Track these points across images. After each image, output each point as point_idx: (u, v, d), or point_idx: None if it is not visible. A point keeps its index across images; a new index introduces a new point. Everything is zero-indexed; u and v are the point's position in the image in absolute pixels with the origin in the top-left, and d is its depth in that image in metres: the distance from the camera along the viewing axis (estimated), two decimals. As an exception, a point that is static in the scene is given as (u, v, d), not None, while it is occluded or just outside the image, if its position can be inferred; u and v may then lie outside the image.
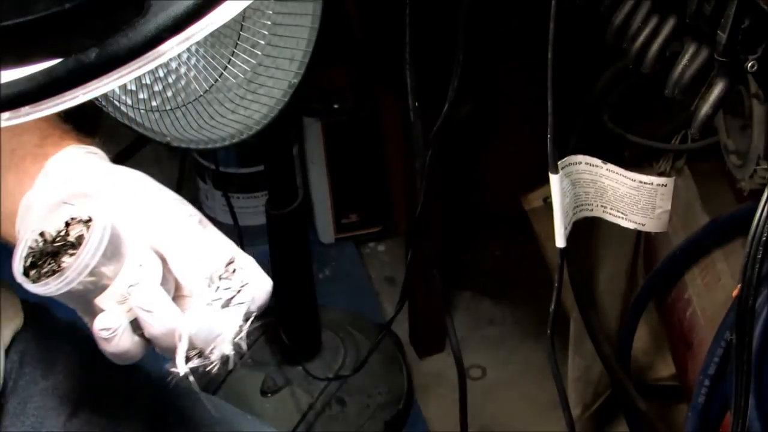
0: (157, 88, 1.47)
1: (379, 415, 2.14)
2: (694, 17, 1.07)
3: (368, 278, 2.45)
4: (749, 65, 1.04)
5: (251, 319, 0.89)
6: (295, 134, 2.34)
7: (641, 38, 1.16)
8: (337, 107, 2.33)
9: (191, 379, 0.85)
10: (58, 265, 0.83)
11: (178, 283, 0.87)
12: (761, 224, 1.01)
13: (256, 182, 2.38)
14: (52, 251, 0.83)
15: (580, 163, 1.33)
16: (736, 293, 1.08)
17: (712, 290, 1.58)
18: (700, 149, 1.73)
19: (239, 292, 0.88)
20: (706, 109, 1.09)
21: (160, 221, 0.88)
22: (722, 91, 1.07)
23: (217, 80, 1.50)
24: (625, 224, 1.40)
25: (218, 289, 0.86)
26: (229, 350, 0.87)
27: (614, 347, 1.75)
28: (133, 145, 2.65)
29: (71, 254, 0.83)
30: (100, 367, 1.03)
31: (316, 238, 2.49)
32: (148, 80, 1.46)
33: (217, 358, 0.86)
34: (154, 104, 1.48)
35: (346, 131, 2.35)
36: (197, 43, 0.99)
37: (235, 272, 0.88)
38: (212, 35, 1.44)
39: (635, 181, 1.34)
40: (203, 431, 1.12)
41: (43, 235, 0.84)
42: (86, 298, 0.84)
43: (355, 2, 2.29)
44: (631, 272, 1.90)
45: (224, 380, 2.17)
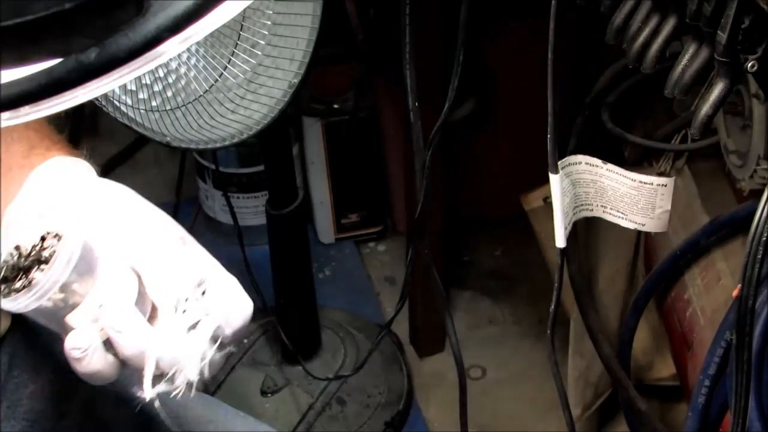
0: (157, 88, 1.47)
1: (379, 415, 2.14)
2: (694, 17, 1.07)
3: (368, 278, 2.45)
4: (749, 65, 1.04)
5: (218, 342, 0.85)
6: (295, 134, 2.34)
7: (641, 38, 1.16)
8: (337, 107, 2.33)
9: (157, 405, 0.82)
10: (29, 280, 0.80)
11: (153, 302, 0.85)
12: (761, 224, 1.01)
13: (256, 182, 2.38)
14: (24, 266, 0.81)
15: (580, 163, 1.33)
16: (736, 293, 1.08)
17: (712, 290, 1.58)
18: (700, 149, 1.73)
19: (208, 315, 0.84)
20: (706, 109, 1.09)
21: (137, 238, 0.85)
22: (722, 91, 1.07)
23: (217, 80, 1.50)
24: (625, 224, 1.40)
25: (184, 311, 0.83)
26: (192, 375, 0.83)
27: (614, 347, 1.75)
28: (133, 145, 2.66)
29: (43, 270, 0.80)
30: None
31: (316, 238, 2.49)
32: (148, 80, 1.46)
33: (181, 383, 0.83)
34: (154, 104, 1.48)
35: (346, 131, 2.35)
36: (197, 43, 0.99)
37: (204, 294, 0.84)
38: (212, 35, 1.44)
39: (635, 181, 1.34)
40: (196, 430, 1.11)
41: (18, 248, 0.81)
42: (57, 315, 0.82)
43: (355, 2, 2.29)
44: (631, 272, 1.90)
45: (224, 380, 2.17)
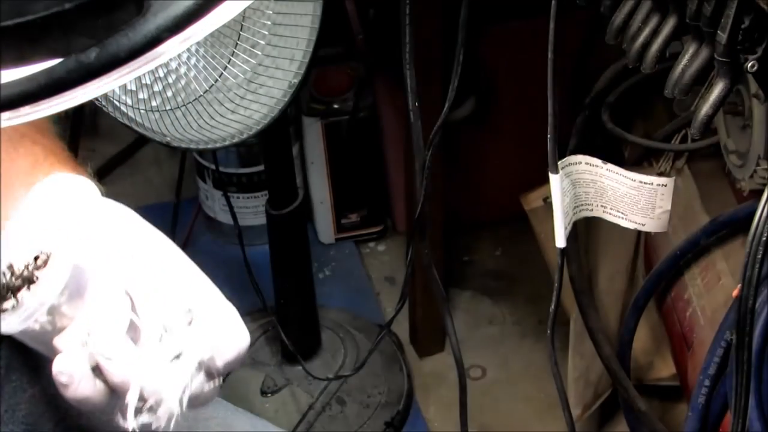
0: (157, 88, 1.47)
1: (379, 415, 2.14)
2: (694, 17, 1.07)
3: (368, 278, 2.45)
4: (749, 65, 1.04)
5: (208, 373, 0.83)
6: (295, 134, 2.34)
7: (641, 38, 1.16)
8: (337, 107, 2.33)
9: None
10: (17, 301, 0.78)
11: None
12: (761, 224, 1.01)
13: (256, 182, 2.38)
14: (14, 286, 0.78)
15: (580, 163, 1.33)
16: (736, 293, 1.08)
17: (712, 290, 1.58)
18: (700, 149, 1.73)
19: (195, 345, 0.81)
20: (706, 109, 1.09)
21: (130, 262, 0.82)
22: (722, 91, 1.07)
23: (217, 80, 1.50)
24: (625, 224, 1.40)
25: (168, 340, 0.80)
26: (174, 406, 0.80)
27: (614, 347, 1.75)
28: (133, 145, 2.66)
29: (31, 290, 0.78)
30: None
31: (316, 238, 2.49)
32: (148, 80, 1.46)
33: (163, 414, 0.80)
34: (154, 104, 1.48)
35: (346, 131, 2.35)
36: (197, 43, 0.99)
37: (191, 323, 0.81)
38: (212, 35, 1.44)
39: (635, 181, 1.34)
40: (197, 427, 1.11)
41: (11, 267, 0.79)
42: (44, 338, 0.79)
43: (355, 2, 2.29)
44: (631, 272, 1.90)
45: (224, 380, 2.17)
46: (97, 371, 0.79)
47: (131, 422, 0.78)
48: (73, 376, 0.78)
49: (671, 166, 1.77)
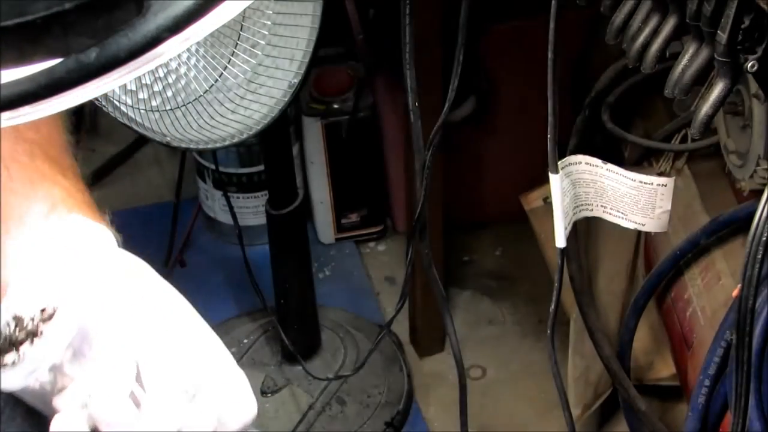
0: (157, 88, 1.47)
1: (379, 415, 2.14)
2: (694, 17, 1.07)
3: (368, 278, 2.45)
4: (749, 65, 1.04)
5: None
6: (295, 134, 2.34)
7: (641, 38, 1.16)
8: (337, 107, 2.33)
9: None
10: (19, 356, 0.74)
11: None
12: (761, 224, 1.01)
13: (256, 182, 2.38)
14: (19, 339, 0.74)
15: (580, 163, 1.33)
16: (736, 293, 1.08)
17: (712, 290, 1.58)
18: (700, 149, 1.73)
19: (196, 421, 0.78)
20: (706, 109, 1.09)
21: (140, 325, 0.79)
22: (722, 91, 1.07)
23: (217, 80, 1.50)
24: (625, 224, 1.40)
25: (171, 415, 0.77)
26: None
27: (614, 347, 1.75)
28: (133, 145, 2.66)
29: (34, 345, 0.74)
30: None
31: (316, 238, 2.49)
32: (148, 80, 1.46)
33: None
34: (154, 104, 1.48)
35: (346, 131, 2.35)
36: (197, 43, 0.98)
37: (196, 397, 0.78)
38: (212, 35, 1.44)
39: (635, 181, 1.34)
40: None
41: (17, 319, 0.75)
42: (44, 397, 0.76)
43: (355, 2, 2.29)
44: (631, 272, 1.90)
45: None
46: None
47: None
48: None
49: (671, 166, 1.77)
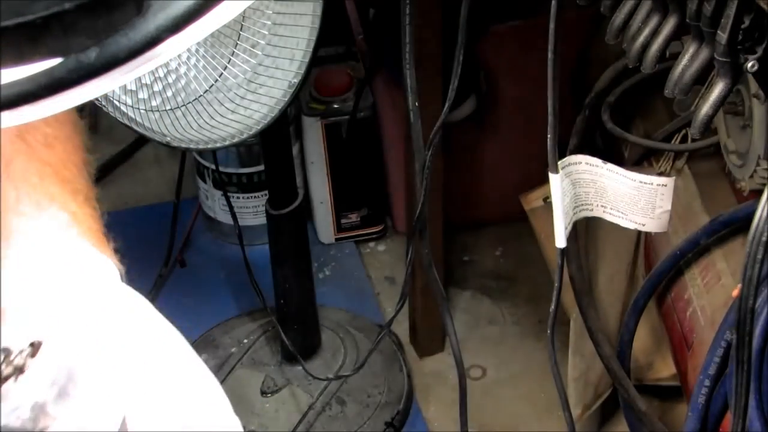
0: (157, 88, 1.47)
1: (379, 415, 2.14)
2: (694, 17, 1.07)
3: (368, 278, 2.45)
4: (749, 65, 1.04)
5: None
6: (295, 134, 2.34)
7: (641, 38, 1.16)
8: (337, 107, 2.33)
9: None
10: (1, 393, 0.70)
11: None
12: (761, 224, 1.01)
13: (256, 182, 2.38)
14: (3, 376, 0.70)
15: (580, 163, 1.33)
16: (736, 293, 1.08)
17: (712, 290, 1.58)
18: (700, 149, 1.73)
19: None
20: (706, 109, 1.09)
21: (132, 366, 0.75)
22: (722, 91, 1.07)
23: (217, 80, 1.50)
24: (625, 224, 1.40)
25: None
26: None
27: (614, 347, 1.75)
28: (133, 145, 2.66)
29: (17, 381, 0.70)
30: None
31: (316, 238, 2.49)
32: (148, 80, 1.46)
33: None
34: (154, 104, 1.49)
35: (346, 131, 2.35)
36: (197, 43, 0.98)
37: None
38: (212, 35, 1.44)
39: (635, 181, 1.34)
40: None
41: (6, 351, 0.71)
42: None
43: (355, 2, 2.29)
44: (631, 272, 1.90)
45: (224, 380, 2.17)
46: None
47: None
48: None
49: (671, 166, 1.77)
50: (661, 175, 1.71)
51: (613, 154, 1.95)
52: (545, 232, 1.98)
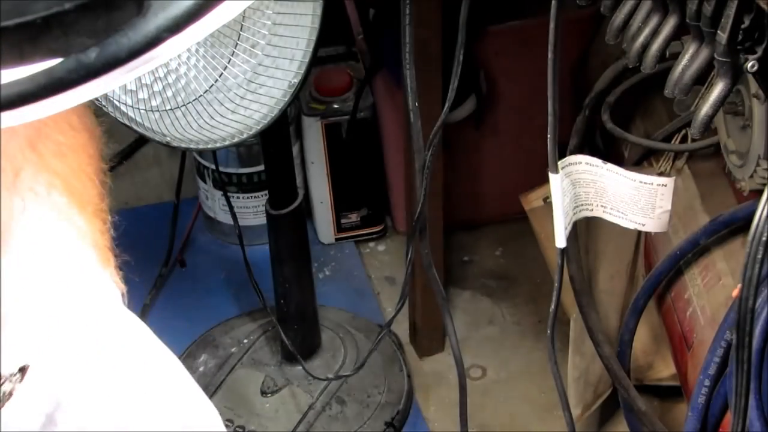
0: (157, 88, 1.47)
1: (379, 415, 2.14)
2: (694, 17, 1.07)
3: (368, 278, 2.45)
4: (749, 65, 1.04)
5: None
6: (295, 134, 2.34)
7: (641, 38, 1.16)
8: (337, 107, 2.34)
9: None
10: None
11: None
12: (761, 224, 1.01)
13: (256, 182, 2.38)
14: None
15: (580, 163, 1.33)
16: (736, 293, 1.08)
17: (712, 290, 1.58)
18: (700, 149, 1.73)
19: None
20: (706, 109, 1.09)
21: (125, 396, 0.73)
22: (722, 91, 1.07)
23: (217, 80, 1.50)
24: (625, 224, 1.40)
25: None
26: None
27: (614, 347, 1.75)
28: (133, 145, 2.66)
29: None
30: None
31: (316, 238, 2.49)
32: (148, 80, 1.46)
33: None
34: (154, 104, 1.49)
35: (346, 131, 2.35)
36: (197, 43, 0.97)
37: None
38: (212, 35, 1.44)
39: (635, 181, 1.34)
40: None
41: None
42: None
43: (355, 2, 2.29)
44: (631, 272, 1.90)
45: (224, 380, 2.17)
46: None
47: None
48: None
49: (671, 166, 1.77)
50: (661, 175, 1.71)
51: (613, 154, 1.95)
52: (545, 232, 1.98)
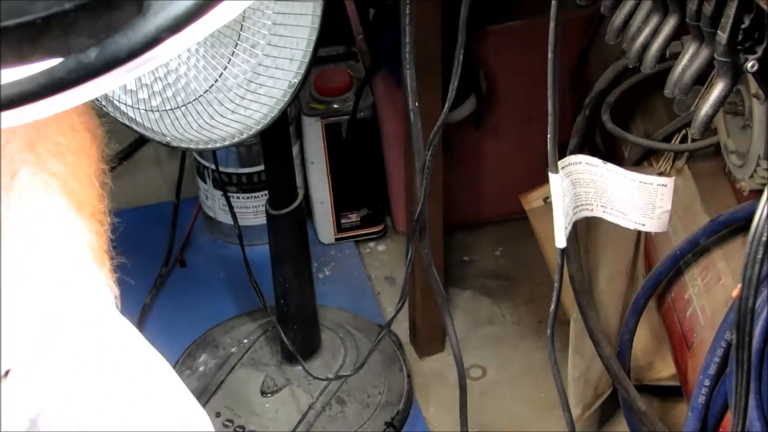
0: (157, 88, 1.47)
1: (379, 415, 2.14)
2: (694, 17, 1.07)
3: (368, 278, 2.45)
4: (749, 65, 1.04)
5: None
6: (295, 134, 2.34)
7: (641, 38, 1.16)
8: (337, 107, 2.33)
9: None
10: None
11: None
12: (761, 224, 1.01)
13: (256, 182, 2.38)
14: None
15: (580, 163, 1.33)
16: (736, 293, 1.08)
17: (712, 290, 1.58)
18: (700, 149, 1.73)
19: None
20: (706, 109, 1.09)
21: (112, 402, 0.71)
22: (722, 91, 1.07)
23: (217, 80, 1.50)
24: (625, 224, 1.40)
25: None
26: None
27: (614, 347, 1.75)
28: (133, 145, 2.66)
29: None
30: None
31: (316, 238, 2.49)
32: (148, 80, 1.46)
33: None
34: (154, 104, 1.49)
35: (346, 131, 2.35)
36: (197, 43, 0.97)
37: None
38: (212, 35, 1.44)
39: (635, 181, 1.34)
40: None
41: None
42: None
43: (355, 2, 2.29)
44: (631, 272, 1.90)
45: (224, 380, 2.17)
46: None
47: None
48: None
49: (671, 166, 1.77)
50: (661, 175, 1.71)
51: (613, 154, 1.95)
52: (545, 232, 1.98)
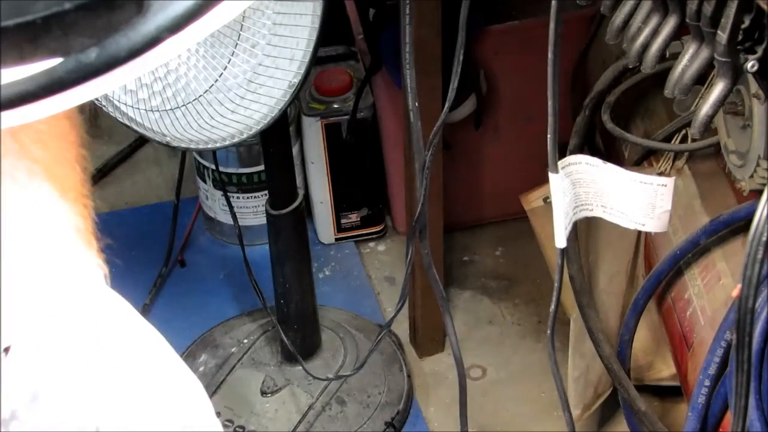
0: (157, 88, 1.47)
1: (379, 415, 2.14)
2: (694, 17, 1.07)
3: (368, 278, 2.45)
4: (749, 65, 1.04)
5: None
6: (295, 134, 2.34)
7: (641, 38, 1.16)
8: (337, 107, 2.34)
9: None
10: None
11: None
12: (761, 224, 1.01)
13: (256, 182, 2.38)
14: None
15: (580, 163, 1.33)
16: (736, 293, 1.08)
17: (712, 290, 1.58)
18: (700, 149, 1.73)
19: None
20: (706, 109, 1.09)
21: (111, 374, 0.72)
22: (722, 91, 1.07)
23: (217, 80, 1.50)
24: (625, 224, 1.40)
25: None
26: None
27: (614, 347, 1.75)
28: (133, 145, 2.66)
29: None
30: None
31: (316, 238, 2.49)
32: (148, 80, 1.46)
33: None
34: (154, 104, 1.49)
35: (346, 131, 2.35)
36: (197, 43, 0.97)
37: None
38: (212, 35, 1.44)
39: (635, 181, 1.34)
40: None
41: None
42: None
43: (355, 2, 2.29)
44: (631, 272, 1.90)
45: (224, 380, 2.17)
46: None
47: None
48: None
49: (671, 166, 1.77)
50: (661, 175, 1.71)
51: (613, 154, 1.95)
52: (545, 232, 1.98)
